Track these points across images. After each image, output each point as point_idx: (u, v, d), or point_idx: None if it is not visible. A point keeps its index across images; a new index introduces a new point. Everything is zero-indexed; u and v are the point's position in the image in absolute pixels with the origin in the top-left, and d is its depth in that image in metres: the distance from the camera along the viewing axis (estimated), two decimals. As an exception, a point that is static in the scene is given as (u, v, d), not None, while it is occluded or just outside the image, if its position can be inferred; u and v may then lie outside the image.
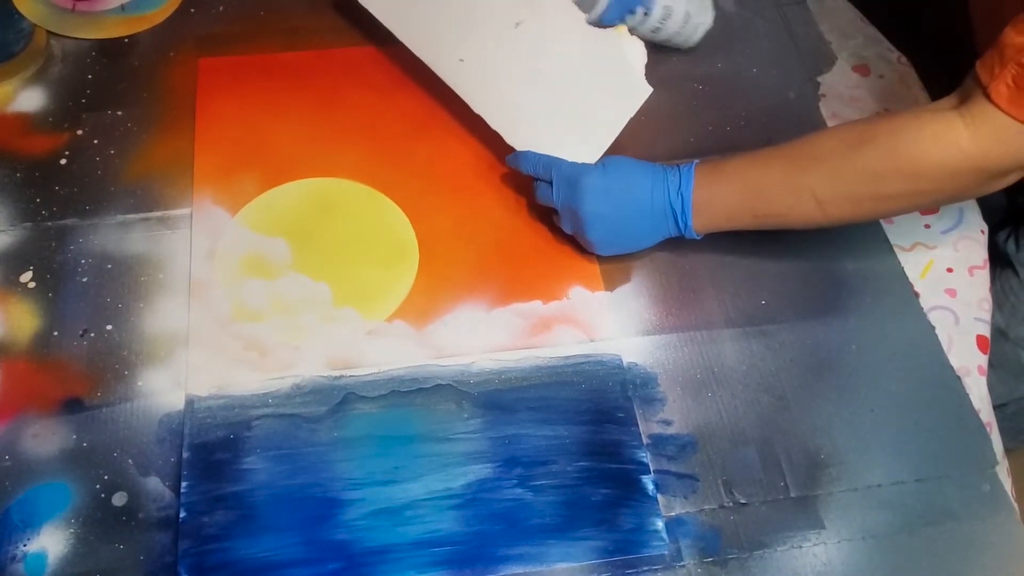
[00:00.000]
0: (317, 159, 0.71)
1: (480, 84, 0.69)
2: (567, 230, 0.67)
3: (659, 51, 0.80)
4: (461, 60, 0.69)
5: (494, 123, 0.68)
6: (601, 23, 0.72)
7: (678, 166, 0.64)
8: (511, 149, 0.69)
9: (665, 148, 0.74)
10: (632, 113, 0.67)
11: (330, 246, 0.67)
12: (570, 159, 0.66)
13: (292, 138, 0.73)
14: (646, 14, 0.74)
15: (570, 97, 0.67)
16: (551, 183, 0.66)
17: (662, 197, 0.63)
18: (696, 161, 0.64)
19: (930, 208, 0.72)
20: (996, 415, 0.66)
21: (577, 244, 0.68)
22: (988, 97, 0.55)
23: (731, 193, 0.63)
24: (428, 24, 0.70)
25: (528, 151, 0.68)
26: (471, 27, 0.68)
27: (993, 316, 0.70)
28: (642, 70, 0.66)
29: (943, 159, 0.57)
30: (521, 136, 0.68)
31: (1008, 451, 0.65)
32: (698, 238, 0.65)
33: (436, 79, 0.70)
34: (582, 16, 0.67)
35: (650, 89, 0.66)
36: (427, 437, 0.59)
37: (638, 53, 0.67)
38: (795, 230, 0.64)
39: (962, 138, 0.56)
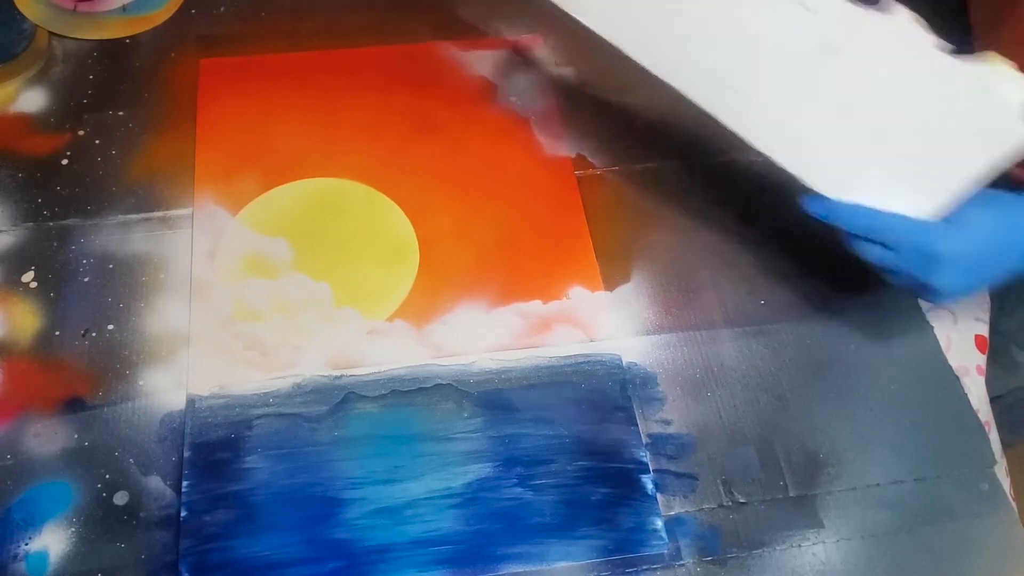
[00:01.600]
0: (318, 159, 0.72)
1: (768, 118, 0.58)
2: (898, 284, 0.58)
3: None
4: (737, 91, 0.58)
5: (788, 165, 0.58)
6: None
7: None
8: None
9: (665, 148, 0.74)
10: (996, 159, 0.53)
11: (331, 246, 0.68)
12: (903, 211, 0.55)
13: (293, 138, 0.73)
14: None
15: (906, 136, 0.55)
16: (883, 245, 0.56)
17: None
18: None
19: None
20: (993, 409, 0.66)
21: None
22: None
23: None
24: (685, 48, 0.59)
25: (847, 204, 0.56)
26: (752, 51, 0.57)
27: None
28: (1021, 108, 0.52)
29: None
30: (831, 181, 0.57)
31: (1006, 445, 0.65)
32: None
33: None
34: (927, 40, 0.54)
35: None
36: (427, 436, 0.59)
37: (1017, 89, 0.53)
38: (794, 224, 0.63)
39: None
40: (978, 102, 0.53)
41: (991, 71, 0.53)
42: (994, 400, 0.67)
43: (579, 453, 0.60)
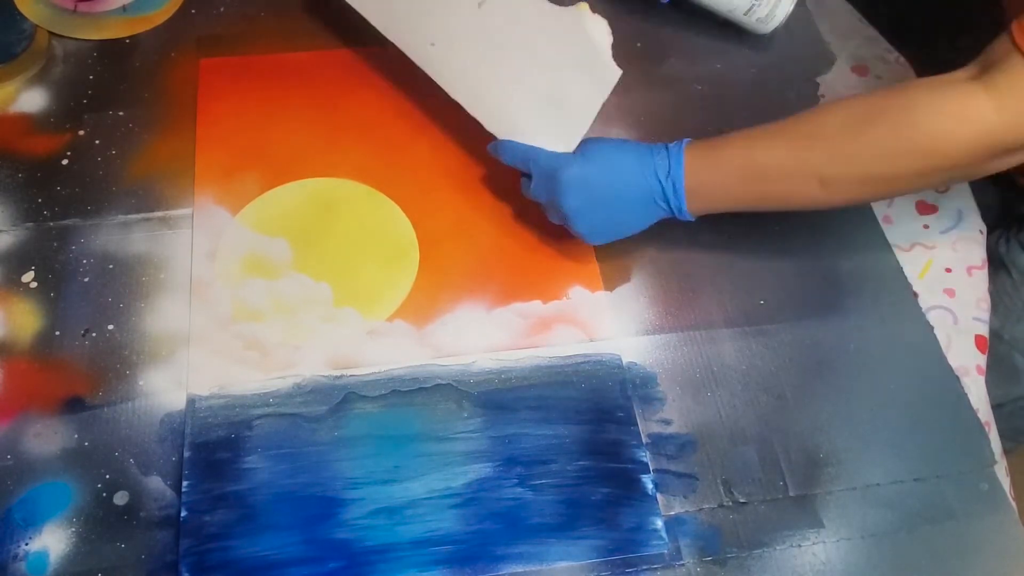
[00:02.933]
0: (318, 159, 0.72)
1: (453, 69, 0.66)
2: (555, 221, 0.65)
3: (657, 51, 0.80)
4: (432, 44, 0.66)
5: (472, 110, 0.66)
6: None
7: (666, 146, 0.61)
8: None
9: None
10: (603, 98, 0.62)
11: (331, 246, 0.68)
12: (549, 147, 0.63)
13: (293, 138, 0.73)
14: None
15: (541, 82, 0.63)
16: (531, 177, 0.64)
17: (649, 182, 0.60)
18: (686, 141, 0.61)
19: (935, 187, 0.69)
20: (994, 416, 0.66)
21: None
22: None
23: (727, 175, 0.60)
24: (398, 8, 0.67)
25: (508, 141, 0.65)
26: (436, 8, 0.65)
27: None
28: (608, 50, 0.61)
29: (963, 135, 0.53)
30: (499, 123, 0.65)
31: (1006, 451, 0.65)
32: (692, 219, 0.63)
33: (420, 67, 0.69)
34: None
35: (619, 72, 0.61)
36: (427, 436, 0.59)
37: (602, 32, 0.61)
38: (794, 224, 0.63)
39: (986, 110, 0.53)
40: (582, 47, 0.61)
41: (580, 15, 0.61)
42: (994, 409, 0.67)
43: (579, 453, 0.60)
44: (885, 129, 0.55)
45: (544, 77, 0.63)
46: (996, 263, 0.81)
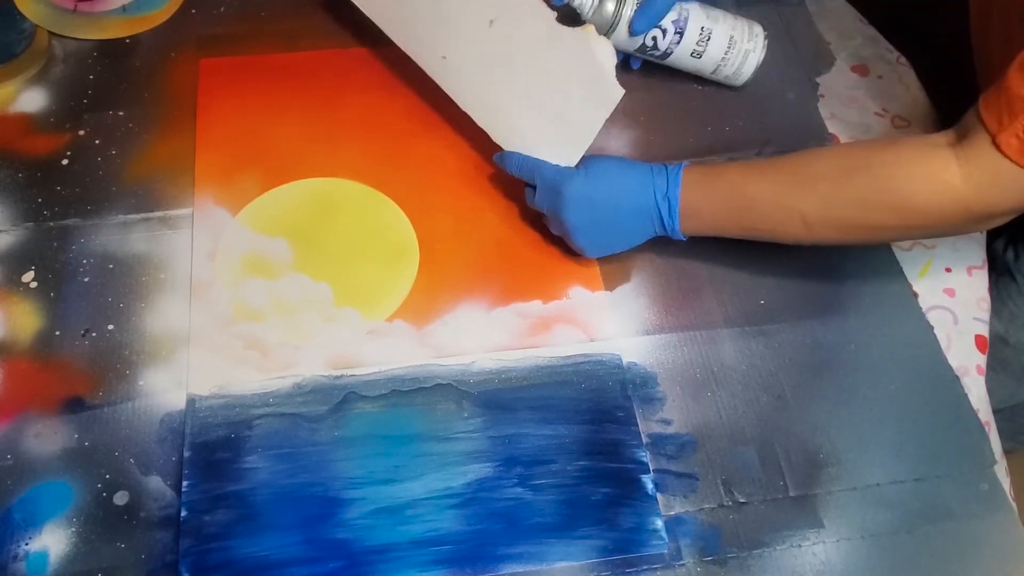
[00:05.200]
0: (318, 159, 0.72)
1: (463, 82, 0.68)
2: (555, 232, 0.67)
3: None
4: (444, 58, 0.68)
5: (480, 120, 0.68)
6: (628, 44, 0.72)
7: (665, 167, 0.63)
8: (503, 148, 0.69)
9: (664, 148, 0.74)
10: (605, 116, 0.64)
11: (331, 246, 0.68)
12: (553, 160, 0.65)
13: (293, 138, 0.73)
14: (679, 34, 0.73)
15: (547, 99, 0.65)
16: (535, 188, 0.65)
17: (648, 199, 0.62)
18: (685, 163, 0.64)
19: (919, 239, 0.71)
20: (995, 417, 0.66)
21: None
22: (997, 147, 0.54)
23: (719, 203, 0.62)
24: (413, 21, 0.69)
25: (513, 153, 0.67)
26: (449, 24, 0.67)
27: (992, 322, 0.70)
28: (613, 71, 0.63)
29: (933, 198, 0.56)
30: (505, 135, 0.68)
31: (1007, 452, 0.65)
32: (684, 239, 0.64)
33: (432, 78, 0.70)
34: (551, 14, 0.63)
35: (622, 92, 0.63)
36: (427, 436, 0.59)
37: (607, 53, 0.63)
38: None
39: (955, 178, 0.55)
40: (588, 66, 0.62)
41: (586, 36, 0.62)
42: (998, 412, 0.67)
43: (579, 453, 0.60)
44: (865, 182, 0.58)
45: (550, 94, 0.65)
46: (1001, 269, 0.81)
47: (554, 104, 0.65)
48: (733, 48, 0.74)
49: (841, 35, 0.85)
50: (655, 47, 0.74)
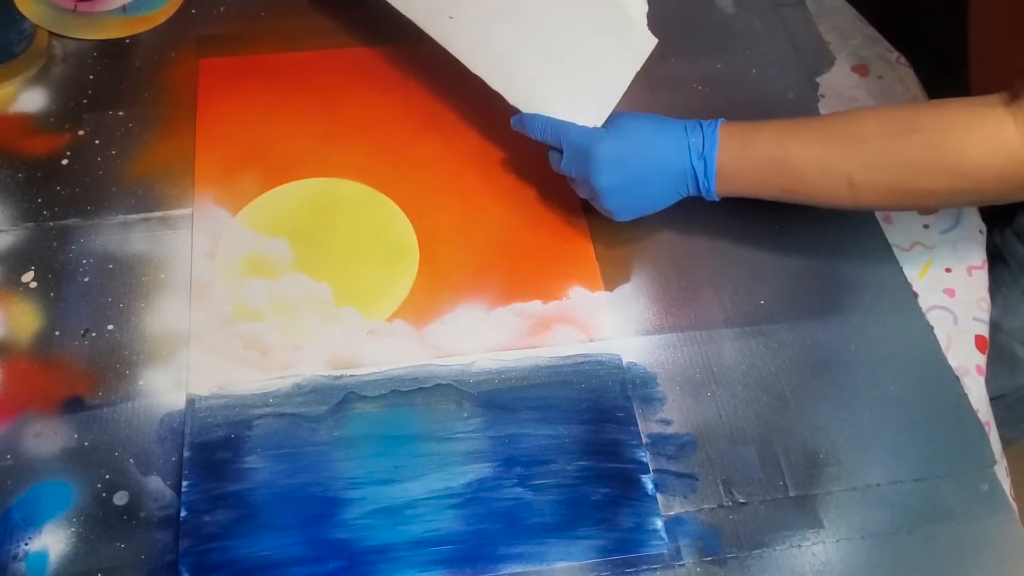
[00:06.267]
0: (317, 159, 0.72)
1: (473, 42, 0.64)
2: (583, 196, 0.65)
3: (657, 51, 0.80)
4: (451, 17, 0.63)
5: (494, 83, 0.64)
6: None
7: (700, 123, 0.61)
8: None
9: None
10: (638, 67, 0.60)
11: (331, 246, 0.68)
12: (578, 121, 0.62)
13: (292, 138, 0.73)
14: None
15: (570, 52, 0.61)
16: (561, 151, 0.63)
17: (683, 159, 0.60)
18: (721, 120, 0.61)
19: (968, 206, 0.69)
20: (994, 406, 0.66)
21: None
22: None
23: (757, 163, 0.60)
24: None
25: (535, 115, 0.63)
26: None
27: None
28: (643, 18, 0.59)
29: (989, 160, 0.54)
30: (524, 97, 0.63)
31: (1008, 441, 0.64)
32: (717, 200, 0.63)
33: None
34: None
35: (655, 40, 0.59)
36: (427, 436, 0.59)
37: (637, 1, 0.60)
38: (794, 224, 0.63)
39: (1013, 139, 0.53)
40: (614, 13, 0.59)
41: None
42: (995, 400, 0.67)
43: (579, 453, 0.60)
44: (918, 143, 0.56)
45: (572, 46, 0.61)
46: (993, 255, 0.80)
47: (577, 58, 0.61)
48: None
49: (841, 35, 0.85)
50: None
